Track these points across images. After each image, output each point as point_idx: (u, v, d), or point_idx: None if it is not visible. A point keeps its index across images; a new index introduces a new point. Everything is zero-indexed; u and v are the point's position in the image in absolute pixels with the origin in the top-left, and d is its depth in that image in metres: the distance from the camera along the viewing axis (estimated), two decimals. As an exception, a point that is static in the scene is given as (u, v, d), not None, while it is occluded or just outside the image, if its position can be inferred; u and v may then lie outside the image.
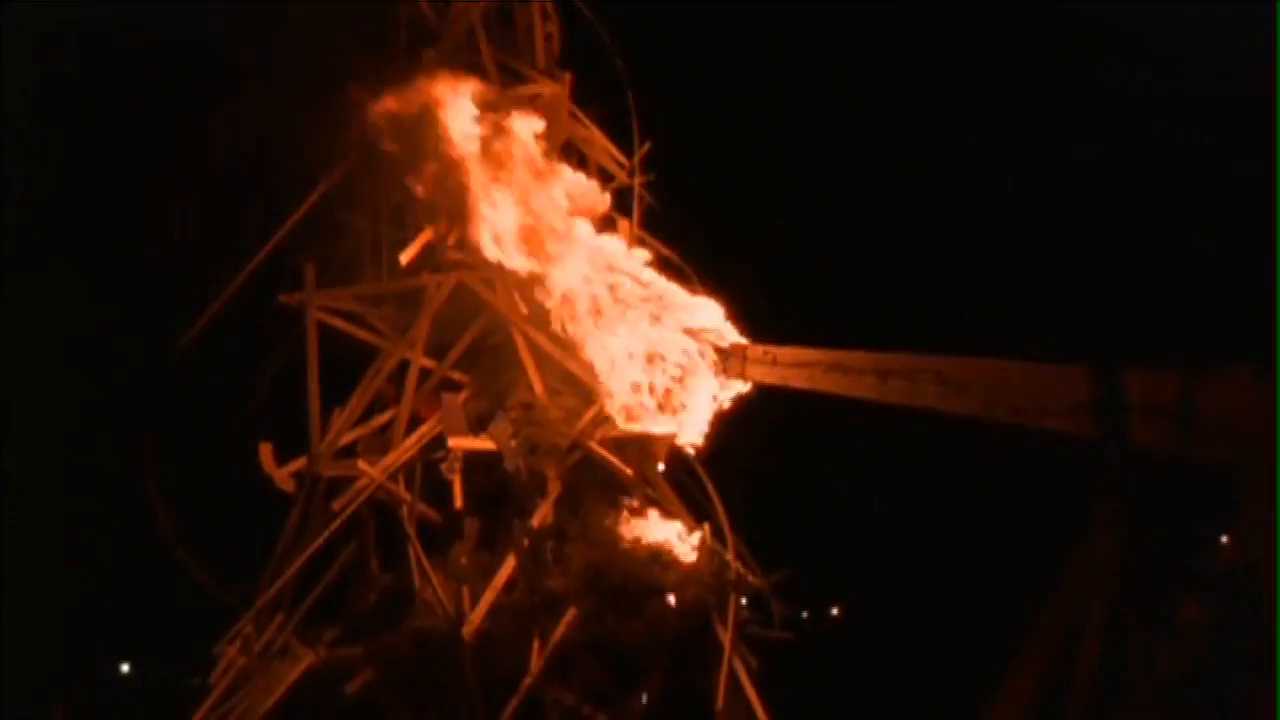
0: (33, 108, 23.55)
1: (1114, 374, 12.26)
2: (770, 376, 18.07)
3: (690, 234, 22.95)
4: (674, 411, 19.84)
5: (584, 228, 20.50)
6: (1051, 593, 12.66)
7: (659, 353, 19.69)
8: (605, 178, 23.31)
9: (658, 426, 20.23)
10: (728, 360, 18.85)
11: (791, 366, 17.39)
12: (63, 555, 26.04)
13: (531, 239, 20.25)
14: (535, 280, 20.43)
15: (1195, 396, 12.09)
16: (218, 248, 21.39)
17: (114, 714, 24.61)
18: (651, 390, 19.68)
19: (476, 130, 20.33)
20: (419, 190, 20.42)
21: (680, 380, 19.45)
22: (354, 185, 21.37)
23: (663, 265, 21.96)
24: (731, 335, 19.05)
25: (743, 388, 19.00)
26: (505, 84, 22.23)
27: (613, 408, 20.28)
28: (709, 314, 19.44)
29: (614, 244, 20.65)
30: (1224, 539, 15.86)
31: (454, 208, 20.44)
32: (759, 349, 18.47)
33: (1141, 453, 12.32)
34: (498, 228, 20.20)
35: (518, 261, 20.29)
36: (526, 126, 20.56)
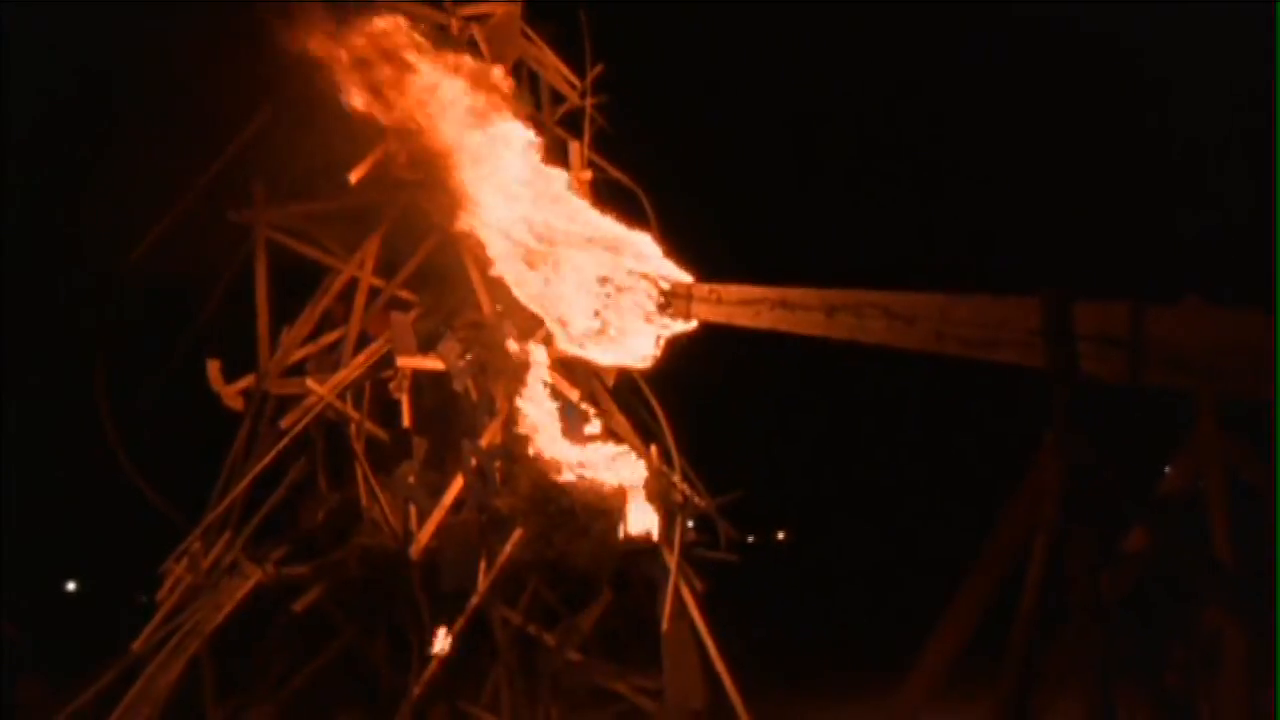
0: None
1: (1063, 304, 12.35)
2: (716, 315, 17.96)
3: (643, 159, 22.95)
4: (615, 342, 19.75)
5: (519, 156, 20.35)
6: (998, 519, 12.80)
7: (601, 286, 19.52)
8: (556, 99, 23.26)
9: (601, 356, 20.21)
10: (672, 300, 18.72)
11: (737, 304, 17.30)
12: (7, 472, 25.92)
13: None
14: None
15: (1145, 326, 12.20)
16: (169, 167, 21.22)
17: (61, 631, 24.59)
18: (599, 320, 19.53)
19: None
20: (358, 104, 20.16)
21: (621, 317, 19.33)
22: (304, 102, 21.19)
23: (612, 189, 22.06)
24: (675, 274, 18.93)
25: (688, 326, 18.89)
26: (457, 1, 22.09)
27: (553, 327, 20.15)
28: (651, 253, 19.31)
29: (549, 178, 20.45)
30: (1169, 468, 16.11)
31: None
32: (704, 288, 18.31)
33: (1090, 382, 12.45)
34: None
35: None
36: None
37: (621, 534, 20.07)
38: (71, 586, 33.74)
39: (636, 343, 19.44)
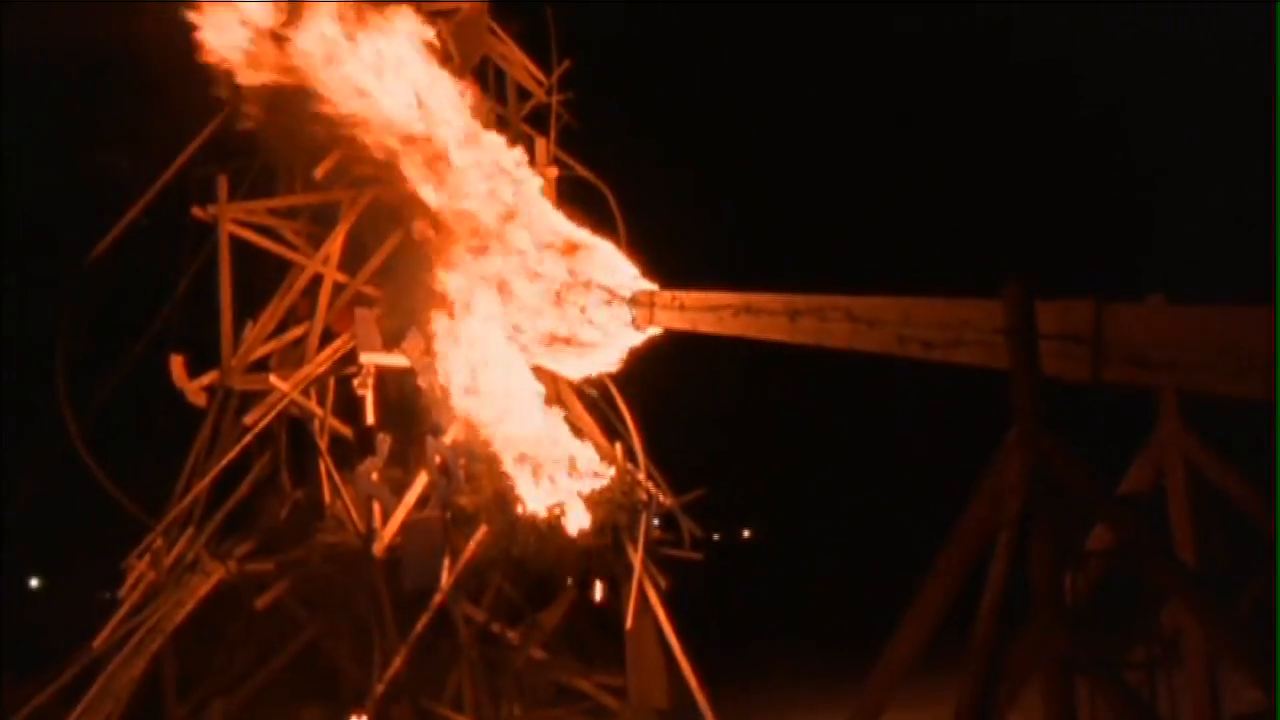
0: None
1: (1026, 303, 12.39)
2: (679, 322, 18.02)
3: (609, 155, 22.97)
4: (578, 353, 19.76)
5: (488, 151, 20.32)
6: (961, 518, 12.82)
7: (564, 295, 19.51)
8: (523, 96, 23.25)
9: (563, 368, 20.25)
10: (635, 308, 18.75)
11: (701, 311, 17.38)
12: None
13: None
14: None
15: (1107, 323, 12.26)
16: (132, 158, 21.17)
17: (23, 627, 24.40)
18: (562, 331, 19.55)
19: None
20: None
21: (584, 328, 19.34)
22: (268, 97, 21.12)
23: (577, 186, 22.08)
24: (638, 282, 18.94)
25: (652, 334, 18.92)
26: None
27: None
28: (615, 261, 19.33)
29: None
30: (1132, 466, 16.18)
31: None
32: (666, 295, 18.38)
33: (1053, 380, 12.50)
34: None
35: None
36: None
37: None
38: (34, 583, 33.56)
39: (600, 353, 19.48)
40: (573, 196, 21.71)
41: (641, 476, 21.21)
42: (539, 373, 20.66)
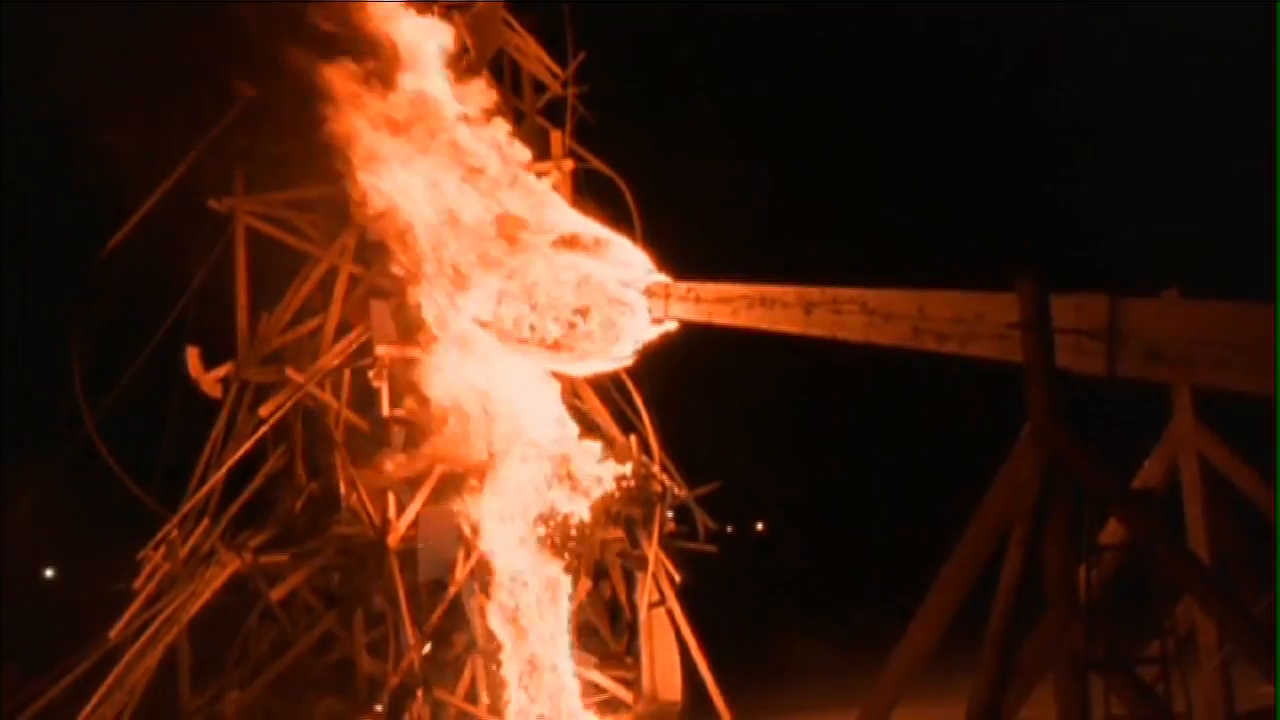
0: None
1: (1041, 297, 12.38)
2: (694, 314, 18.01)
3: (624, 148, 22.97)
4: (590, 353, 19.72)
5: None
6: (976, 512, 12.82)
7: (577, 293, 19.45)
8: (538, 89, 23.24)
9: (575, 369, 20.20)
10: (650, 300, 18.72)
11: (715, 303, 17.39)
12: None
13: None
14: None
15: (1122, 318, 12.26)
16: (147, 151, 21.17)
17: (38, 619, 24.47)
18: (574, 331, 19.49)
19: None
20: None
21: (597, 326, 19.30)
22: (285, 90, 21.12)
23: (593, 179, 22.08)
24: (652, 274, 18.89)
25: (667, 326, 18.87)
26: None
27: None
28: (629, 255, 19.28)
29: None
30: (1148, 461, 16.17)
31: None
32: (681, 287, 18.35)
33: (1068, 374, 12.49)
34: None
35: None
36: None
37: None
38: (50, 573, 33.68)
39: (613, 350, 19.43)
40: (588, 189, 21.72)
41: (656, 469, 21.21)
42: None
